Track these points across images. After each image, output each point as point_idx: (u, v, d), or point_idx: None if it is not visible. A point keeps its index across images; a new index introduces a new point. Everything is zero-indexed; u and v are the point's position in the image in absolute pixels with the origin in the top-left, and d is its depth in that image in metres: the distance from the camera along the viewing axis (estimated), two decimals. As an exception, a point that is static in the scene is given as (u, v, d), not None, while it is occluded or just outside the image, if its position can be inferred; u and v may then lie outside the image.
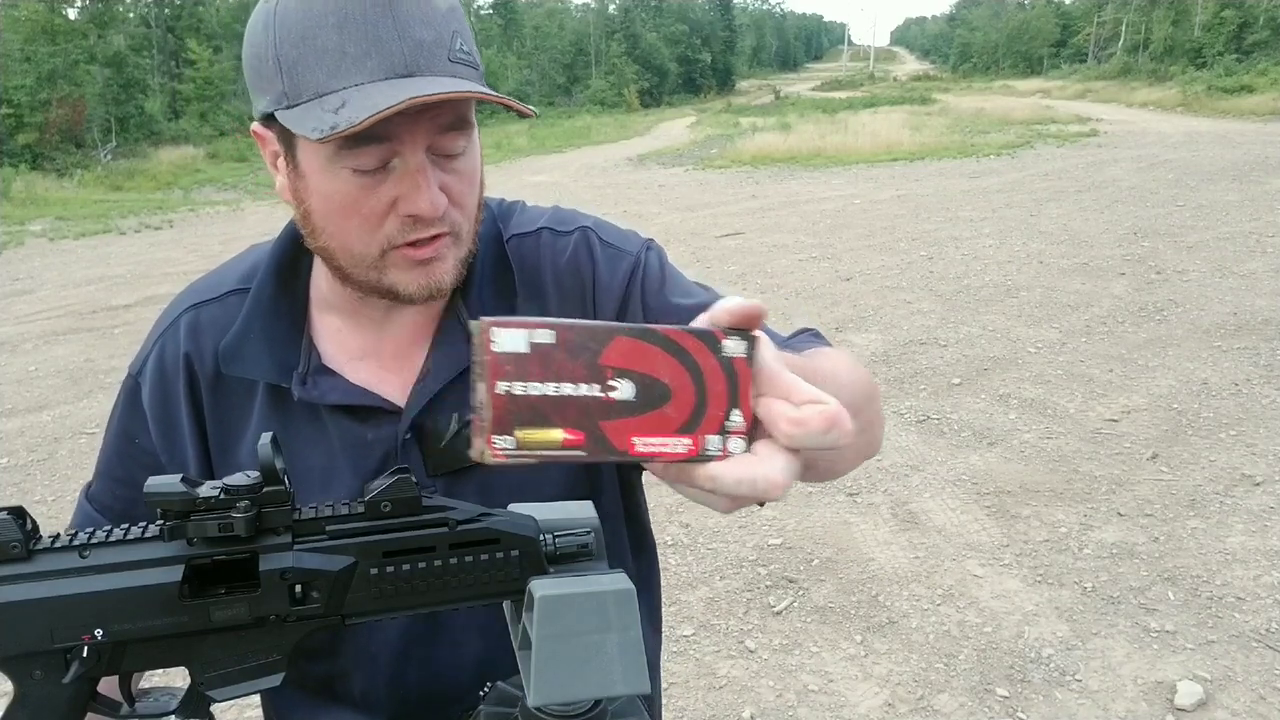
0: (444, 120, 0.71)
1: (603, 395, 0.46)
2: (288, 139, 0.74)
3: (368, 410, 0.82)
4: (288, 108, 0.70)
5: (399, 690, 0.86)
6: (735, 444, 0.48)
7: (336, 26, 0.68)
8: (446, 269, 0.77)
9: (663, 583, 1.08)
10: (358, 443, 0.82)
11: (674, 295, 0.86)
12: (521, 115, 0.72)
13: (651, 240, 0.93)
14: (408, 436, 0.82)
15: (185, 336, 0.85)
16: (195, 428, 0.85)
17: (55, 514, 3.95)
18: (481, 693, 0.76)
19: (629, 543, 0.95)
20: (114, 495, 0.88)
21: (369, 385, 0.83)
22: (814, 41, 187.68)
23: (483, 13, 51.12)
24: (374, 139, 0.69)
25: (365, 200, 0.73)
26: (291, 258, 0.86)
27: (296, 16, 0.69)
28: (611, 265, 0.88)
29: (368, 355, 0.85)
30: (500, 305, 0.85)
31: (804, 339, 0.83)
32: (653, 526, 1.03)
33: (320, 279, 0.85)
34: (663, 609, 1.07)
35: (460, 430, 0.83)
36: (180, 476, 0.57)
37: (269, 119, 0.73)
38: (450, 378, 0.83)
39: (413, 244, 0.75)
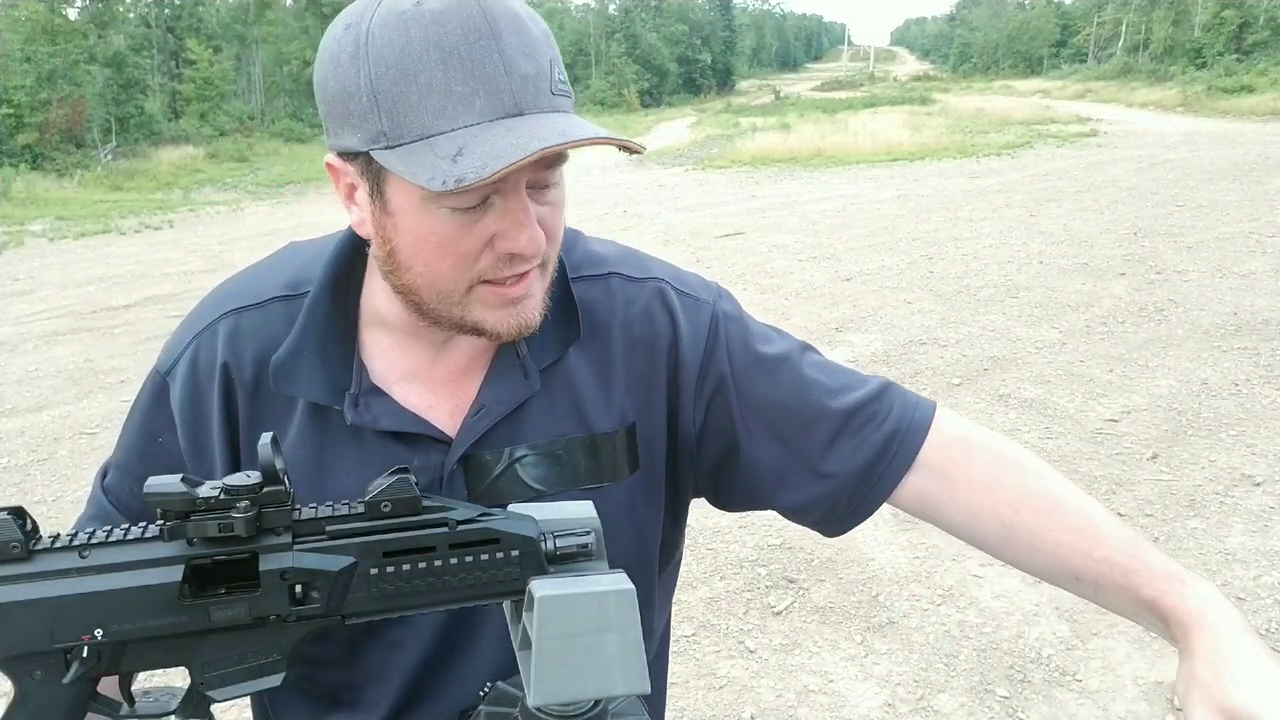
0: (546, 155, 0.69)
1: None
2: (376, 176, 0.70)
3: (415, 436, 0.81)
4: (388, 148, 0.66)
5: (407, 704, 0.86)
6: None
7: (441, 62, 0.64)
8: (536, 304, 0.76)
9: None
10: None
11: (756, 343, 0.89)
12: (632, 153, 0.70)
13: (720, 285, 0.94)
14: (455, 468, 0.81)
15: (224, 344, 0.82)
16: (227, 439, 0.83)
17: (55, 514, 3.94)
18: (481, 693, 0.76)
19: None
20: (131, 492, 0.86)
21: (419, 411, 0.81)
22: (814, 42, 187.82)
23: (483, 13, 51.04)
24: None
25: (462, 239, 0.70)
26: (345, 273, 0.83)
27: (395, 50, 0.65)
28: (692, 315, 0.88)
29: (417, 377, 0.83)
30: (560, 343, 0.84)
31: (923, 417, 0.89)
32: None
33: (377, 296, 0.81)
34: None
35: (509, 466, 0.82)
36: (180, 476, 0.57)
37: (353, 154, 0.70)
38: (504, 413, 0.81)
39: (502, 280, 0.73)
